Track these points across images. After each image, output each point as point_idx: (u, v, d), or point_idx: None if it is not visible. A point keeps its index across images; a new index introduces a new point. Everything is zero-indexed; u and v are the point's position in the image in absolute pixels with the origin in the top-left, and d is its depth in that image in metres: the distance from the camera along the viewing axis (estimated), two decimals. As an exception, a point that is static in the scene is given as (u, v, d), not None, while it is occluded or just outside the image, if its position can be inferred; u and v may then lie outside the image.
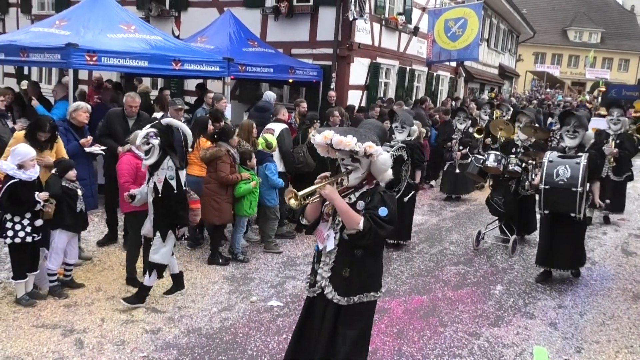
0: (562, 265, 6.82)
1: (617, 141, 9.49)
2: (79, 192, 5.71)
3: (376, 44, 14.69)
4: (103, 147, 6.59)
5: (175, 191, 5.36)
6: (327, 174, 3.65)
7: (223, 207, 6.77)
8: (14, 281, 5.43)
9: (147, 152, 5.25)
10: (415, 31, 16.49)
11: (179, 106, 7.64)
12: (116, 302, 5.65)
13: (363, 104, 13.91)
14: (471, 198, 11.75)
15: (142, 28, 9.74)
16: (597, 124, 12.71)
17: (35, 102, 10.25)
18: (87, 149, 6.37)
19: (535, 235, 8.31)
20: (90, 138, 6.44)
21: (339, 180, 3.62)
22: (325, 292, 3.68)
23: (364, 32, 13.84)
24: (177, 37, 13.82)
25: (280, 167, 7.77)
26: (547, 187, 6.39)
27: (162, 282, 6.20)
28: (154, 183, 5.34)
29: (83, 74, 15.81)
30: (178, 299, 5.84)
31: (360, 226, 3.43)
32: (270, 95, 10.89)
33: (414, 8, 16.41)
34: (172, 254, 5.70)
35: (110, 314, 5.40)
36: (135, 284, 6.04)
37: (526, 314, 5.98)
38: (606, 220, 10.14)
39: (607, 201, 9.07)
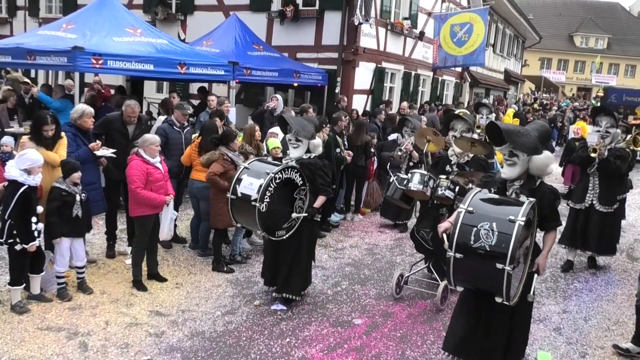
0: (486, 358, 4.41)
1: (605, 157, 7.16)
2: (77, 197, 5.60)
3: (381, 48, 14.70)
4: (113, 150, 6.58)
5: None
6: None
7: (224, 211, 6.74)
8: (11, 287, 5.36)
9: None
10: (421, 36, 16.52)
11: (185, 110, 7.66)
12: (120, 305, 5.67)
13: (368, 108, 13.92)
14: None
15: (148, 31, 9.79)
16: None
17: (35, 91, 10.32)
18: (98, 153, 6.37)
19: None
20: (99, 142, 6.44)
21: None
22: None
23: (369, 37, 13.86)
24: (183, 40, 13.86)
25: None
26: (459, 256, 3.94)
27: (165, 286, 6.23)
28: None
29: (89, 77, 15.88)
30: (182, 303, 5.85)
31: None
32: (280, 98, 10.93)
33: (419, 13, 16.44)
34: None
35: (115, 317, 5.41)
36: (140, 286, 6.06)
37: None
38: (592, 264, 7.80)
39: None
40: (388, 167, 8.28)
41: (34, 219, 5.23)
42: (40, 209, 5.31)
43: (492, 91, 27.61)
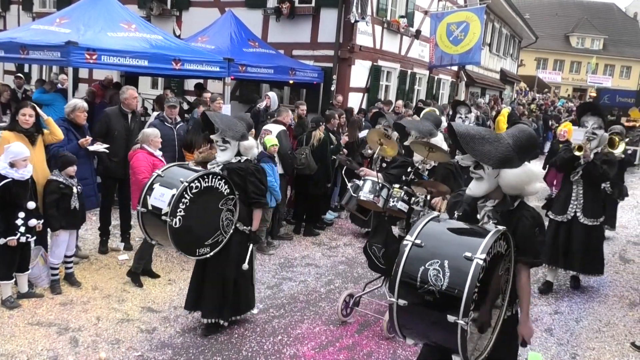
0: None
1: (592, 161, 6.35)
2: (74, 190, 5.65)
3: (377, 46, 14.69)
4: (106, 145, 6.54)
5: None
6: None
7: None
8: (1, 282, 5.31)
9: None
10: (417, 34, 16.51)
11: (172, 103, 7.60)
12: (112, 300, 5.65)
13: (364, 106, 13.91)
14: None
15: (142, 27, 9.73)
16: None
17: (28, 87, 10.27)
18: (91, 148, 6.34)
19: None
20: (89, 138, 6.40)
21: None
22: None
23: (365, 35, 13.84)
24: (178, 36, 13.82)
25: (280, 169, 7.72)
26: (402, 303, 2.95)
27: (157, 282, 6.22)
28: None
29: (83, 73, 15.82)
30: (174, 299, 5.83)
31: None
32: (273, 95, 10.88)
33: (416, 11, 16.43)
34: None
35: (106, 312, 5.39)
36: (136, 281, 6.06)
37: (522, 319, 5.96)
38: (575, 284, 7.02)
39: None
40: (343, 173, 7.69)
41: (21, 214, 5.17)
42: (32, 204, 5.27)
43: (488, 91, 27.65)
